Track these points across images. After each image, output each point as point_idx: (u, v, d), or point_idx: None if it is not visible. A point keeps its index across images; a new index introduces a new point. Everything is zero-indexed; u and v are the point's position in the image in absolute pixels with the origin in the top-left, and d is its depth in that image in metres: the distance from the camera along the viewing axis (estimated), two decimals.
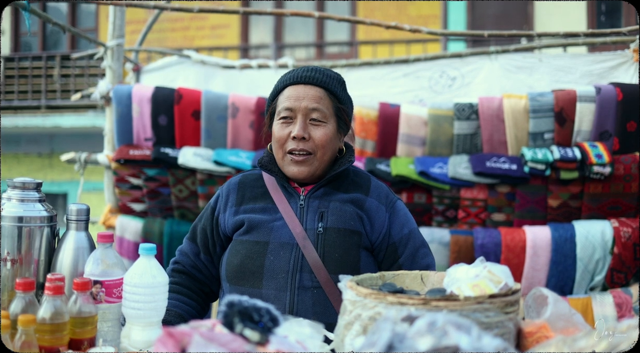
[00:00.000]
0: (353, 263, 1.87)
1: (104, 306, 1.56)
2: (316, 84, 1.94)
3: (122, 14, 4.09)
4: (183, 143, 3.85)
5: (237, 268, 1.92)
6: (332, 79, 1.97)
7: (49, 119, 10.18)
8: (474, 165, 3.49)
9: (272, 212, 1.95)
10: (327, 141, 1.93)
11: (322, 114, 1.92)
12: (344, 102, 1.99)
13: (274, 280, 1.86)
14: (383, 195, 2.01)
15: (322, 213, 1.92)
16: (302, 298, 1.84)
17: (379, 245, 1.96)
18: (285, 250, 1.88)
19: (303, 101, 1.92)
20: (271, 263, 1.87)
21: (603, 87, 3.49)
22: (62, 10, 12.23)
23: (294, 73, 1.98)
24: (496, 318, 1.19)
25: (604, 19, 10.07)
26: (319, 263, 1.85)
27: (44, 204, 1.72)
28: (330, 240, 1.88)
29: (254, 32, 11.77)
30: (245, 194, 2.03)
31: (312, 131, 1.92)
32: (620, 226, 3.37)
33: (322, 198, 1.96)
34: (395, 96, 4.10)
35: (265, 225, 1.93)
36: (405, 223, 2.00)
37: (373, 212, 1.96)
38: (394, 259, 1.96)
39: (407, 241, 1.97)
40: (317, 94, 1.94)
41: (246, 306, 1.11)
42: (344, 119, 2.00)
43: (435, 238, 3.48)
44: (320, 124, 1.93)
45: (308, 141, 1.92)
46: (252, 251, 1.91)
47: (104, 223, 3.97)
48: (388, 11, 10.79)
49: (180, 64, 4.55)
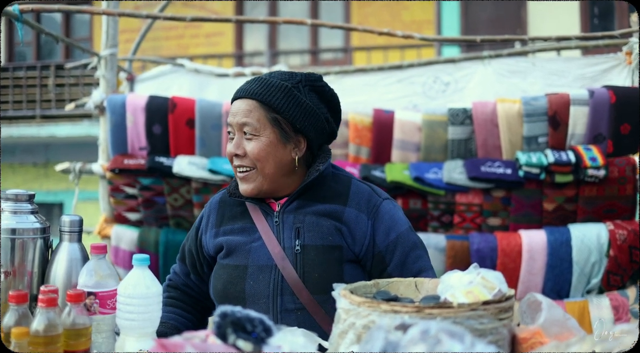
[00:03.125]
0: (335, 279, 1.68)
1: (98, 317, 1.56)
2: (248, 97, 1.85)
3: (115, 24, 4.09)
4: (177, 152, 3.85)
5: (221, 293, 1.88)
6: (271, 87, 1.85)
7: (44, 129, 10.17)
8: (469, 170, 3.49)
9: (251, 232, 1.89)
10: (262, 154, 1.83)
11: (251, 127, 1.83)
12: (281, 110, 1.84)
13: (256, 305, 1.80)
14: (363, 202, 1.90)
15: (297, 229, 1.84)
16: (286, 322, 1.77)
17: (364, 255, 1.87)
18: (264, 273, 1.82)
19: (236, 117, 1.86)
20: (251, 288, 1.82)
21: (596, 91, 3.50)
22: (56, 20, 12.23)
23: (239, 87, 1.92)
24: (490, 324, 1.19)
25: (597, 21, 10.11)
26: (299, 284, 1.78)
27: (37, 216, 1.72)
28: (309, 259, 1.80)
29: (248, 40, 11.79)
30: (225, 214, 1.98)
31: (246, 145, 1.85)
32: (615, 229, 3.37)
33: (296, 212, 1.88)
34: (389, 102, 4.10)
35: (243, 247, 1.87)
36: (392, 227, 1.89)
37: (352, 223, 1.86)
38: (382, 268, 1.87)
39: (394, 248, 1.87)
40: (247, 107, 1.85)
41: (239, 317, 1.11)
42: (285, 128, 1.86)
43: (431, 244, 3.48)
44: (252, 138, 1.84)
45: (244, 156, 1.86)
46: (232, 276, 1.86)
47: (100, 232, 3.96)
48: (382, 17, 10.82)
49: (174, 72, 4.55)
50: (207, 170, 3.69)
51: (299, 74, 1.93)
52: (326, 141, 1.98)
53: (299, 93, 1.87)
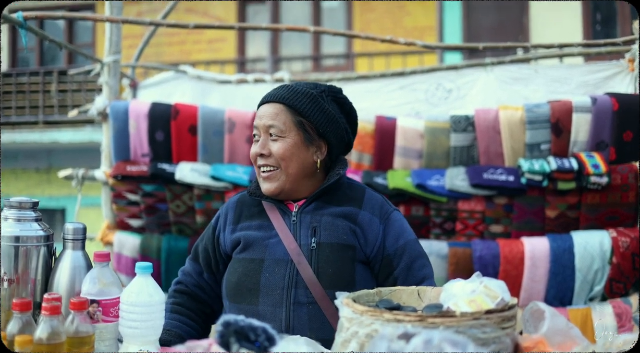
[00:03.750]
0: (348, 277, 1.88)
1: (101, 325, 1.56)
2: (275, 101, 1.98)
3: (118, 30, 4.10)
4: (180, 159, 3.85)
5: (234, 286, 1.94)
6: (297, 94, 1.99)
7: (46, 135, 10.19)
8: (471, 177, 3.49)
9: (268, 229, 1.98)
10: (287, 154, 1.95)
11: (277, 129, 1.95)
12: (306, 115, 1.97)
13: (269, 297, 1.87)
14: (377, 207, 2.02)
15: (314, 228, 1.94)
16: (298, 314, 1.85)
17: (374, 257, 1.97)
18: (280, 266, 1.90)
19: (262, 119, 1.98)
20: (267, 280, 1.89)
21: (599, 98, 3.50)
22: (59, 26, 12.27)
23: (265, 94, 2.04)
24: (493, 333, 1.19)
25: (599, 28, 10.11)
26: (313, 278, 1.86)
27: (40, 223, 1.72)
28: (324, 256, 1.90)
29: (250, 46, 11.81)
30: (242, 213, 2.07)
31: (271, 146, 1.96)
32: (618, 236, 3.36)
33: (313, 213, 1.98)
34: (392, 108, 4.10)
35: (260, 242, 1.96)
36: (401, 234, 2.01)
37: (366, 225, 1.97)
38: (389, 271, 1.97)
39: (402, 253, 1.97)
40: (274, 110, 1.97)
41: (242, 326, 1.11)
42: (309, 131, 1.99)
43: (434, 251, 3.48)
44: (277, 139, 1.96)
45: (269, 156, 1.97)
46: (248, 269, 1.93)
47: (102, 239, 3.96)
48: (384, 23, 10.84)
49: (177, 79, 4.56)
50: (209, 177, 3.70)
51: (322, 85, 2.06)
52: (343, 151, 2.11)
53: (323, 101, 2.00)
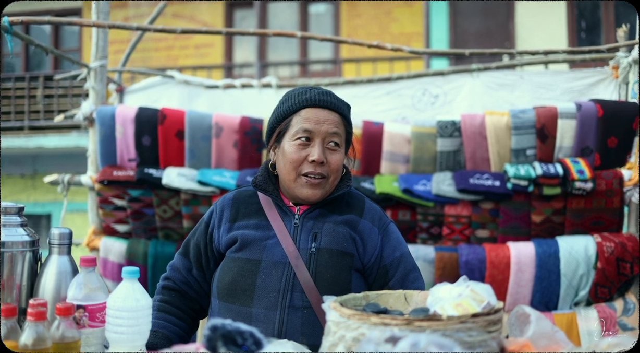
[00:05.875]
0: (344, 284, 1.88)
1: (87, 331, 1.55)
2: (334, 109, 1.97)
3: (105, 35, 4.09)
4: (167, 163, 3.84)
5: (228, 285, 1.91)
6: (344, 105, 2.02)
7: (32, 140, 10.12)
8: (458, 182, 3.51)
9: (266, 229, 1.96)
10: (340, 166, 1.97)
11: (340, 139, 1.96)
12: (351, 128, 2.04)
13: (264, 299, 1.85)
14: (377, 217, 2.03)
15: (315, 233, 1.93)
16: (292, 318, 1.83)
17: (371, 267, 1.97)
18: (278, 268, 1.88)
19: (324, 125, 1.93)
20: (263, 282, 1.87)
21: (583, 104, 3.53)
22: (45, 31, 12.21)
23: (309, 95, 1.97)
24: (479, 337, 1.19)
25: (584, 35, 10.21)
26: (310, 283, 1.85)
27: (26, 228, 1.72)
28: (323, 261, 1.89)
29: (237, 51, 11.81)
30: (239, 211, 2.03)
31: (329, 155, 1.95)
32: (603, 241, 3.39)
33: (316, 219, 1.97)
34: (379, 114, 4.12)
35: (258, 243, 1.93)
36: (397, 246, 2.02)
37: (366, 234, 1.98)
38: (385, 281, 1.97)
39: (398, 264, 1.99)
40: (335, 119, 1.96)
41: (229, 330, 1.11)
42: (349, 145, 2.05)
43: (420, 255, 3.49)
44: (336, 149, 1.96)
45: (325, 165, 1.94)
46: (244, 269, 1.90)
47: (88, 244, 3.94)
48: (371, 29, 10.88)
49: (164, 84, 4.55)
50: (196, 182, 3.69)
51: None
52: None
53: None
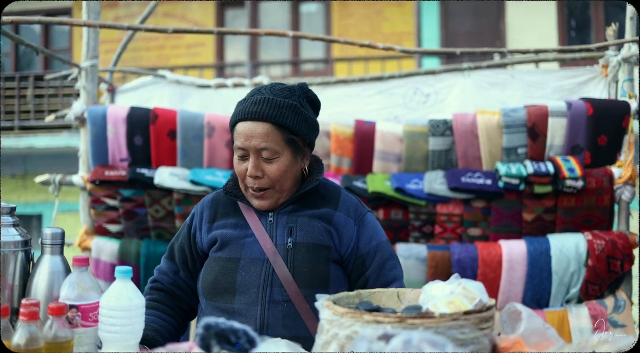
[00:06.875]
0: (323, 276, 1.91)
1: (80, 330, 1.55)
2: (264, 120, 1.89)
3: (96, 35, 4.08)
4: (159, 163, 3.83)
5: (211, 284, 1.95)
6: (282, 109, 1.91)
7: (22, 140, 10.07)
8: (449, 181, 3.52)
9: (244, 228, 1.98)
10: (282, 174, 1.92)
11: (271, 151, 1.90)
12: (297, 131, 1.93)
13: (245, 295, 1.89)
14: (352, 209, 2.04)
15: (290, 228, 1.95)
16: (273, 312, 1.87)
17: (348, 257, 2.00)
18: (256, 265, 1.92)
19: (252, 140, 1.89)
20: (242, 279, 1.91)
21: (574, 103, 3.55)
22: (35, 31, 12.16)
23: (242, 107, 1.94)
24: (471, 334, 1.20)
25: (574, 34, 10.26)
26: (289, 277, 1.88)
27: (18, 228, 1.71)
28: (300, 255, 1.92)
29: (229, 51, 11.80)
30: (218, 211, 2.06)
31: (266, 167, 1.91)
32: (593, 239, 3.41)
33: (290, 214, 1.98)
34: (371, 113, 4.13)
35: (237, 241, 1.96)
36: (374, 235, 2.04)
37: (341, 226, 1.99)
38: (362, 271, 2.00)
39: (374, 254, 2.01)
40: (263, 131, 1.88)
41: (223, 328, 1.12)
42: (298, 144, 1.96)
43: (413, 254, 3.50)
44: (272, 160, 1.91)
45: (262, 178, 1.92)
46: (224, 267, 1.94)
47: (80, 244, 3.93)
48: (362, 29, 10.89)
49: (155, 84, 4.54)
50: (188, 181, 3.68)
51: (295, 88, 2.00)
52: None
53: (304, 109, 1.97)
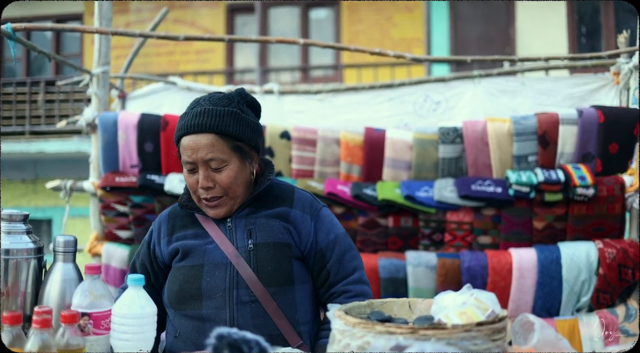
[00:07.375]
0: (286, 274, 1.95)
1: (92, 338, 1.55)
2: (207, 131, 1.91)
3: (107, 42, 4.10)
4: (169, 170, 3.85)
5: (176, 294, 1.96)
6: (223, 117, 1.93)
7: (33, 145, 10.13)
8: (460, 188, 3.51)
9: (204, 237, 2.01)
10: (233, 181, 1.95)
11: (218, 161, 1.92)
12: (241, 137, 1.95)
13: (212, 300, 1.91)
14: (307, 205, 2.08)
15: (249, 230, 1.98)
16: (242, 313, 1.89)
17: (308, 252, 2.04)
18: (220, 269, 1.94)
19: (199, 153, 1.91)
20: (208, 284, 1.92)
21: (585, 110, 3.54)
22: (46, 36, 12.24)
23: (186, 120, 1.95)
24: (484, 345, 1.19)
25: (584, 41, 10.23)
26: (254, 278, 1.91)
27: (30, 236, 1.72)
28: (262, 255, 1.95)
29: (239, 57, 11.83)
30: (175, 224, 2.08)
31: (216, 176, 1.94)
32: (604, 247, 3.39)
33: (248, 217, 2.01)
34: (380, 120, 4.13)
35: (199, 249, 1.98)
36: (331, 228, 2.08)
37: (299, 222, 2.03)
38: (323, 264, 2.04)
39: (333, 246, 2.05)
40: (207, 142, 1.91)
41: (235, 339, 1.12)
42: (245, 149, 1.98)
43: (422, 262, 3.49)
44: (221, 169, 1.93)
45: (214, 187, 1.95)
46: (188, 275, 1.96)
47: (90, 250, 3.94)
48: (372, 35, 10.89)
49: (166, 90, 4.56)
50: None
51: (233, 95, 2.03)
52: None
53: (244, 114, 1.99)
